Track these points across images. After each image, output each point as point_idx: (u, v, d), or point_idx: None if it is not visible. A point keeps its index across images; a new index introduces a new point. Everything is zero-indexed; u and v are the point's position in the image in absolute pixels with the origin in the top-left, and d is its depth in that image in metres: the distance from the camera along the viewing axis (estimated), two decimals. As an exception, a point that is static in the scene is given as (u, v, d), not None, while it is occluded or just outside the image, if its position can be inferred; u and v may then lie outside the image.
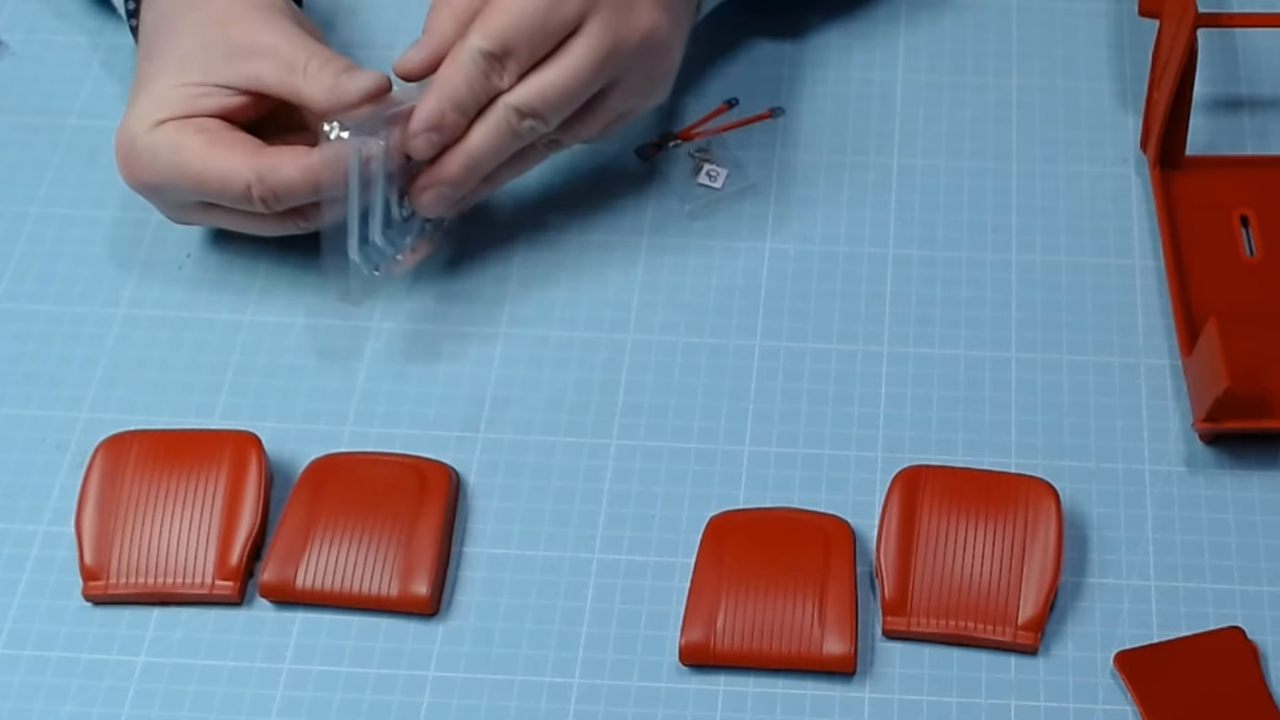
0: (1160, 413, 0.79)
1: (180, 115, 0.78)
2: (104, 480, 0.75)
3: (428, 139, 0.77)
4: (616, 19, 0.77)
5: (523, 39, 0.76)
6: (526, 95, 0.77)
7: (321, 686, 0.72)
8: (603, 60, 0.77)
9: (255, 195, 0.76)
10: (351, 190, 0.76)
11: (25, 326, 0.82)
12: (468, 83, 0.76)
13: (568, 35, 0.77)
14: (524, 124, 0.77)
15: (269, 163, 0.76)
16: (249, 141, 0.78)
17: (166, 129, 0.77)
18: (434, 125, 0.76)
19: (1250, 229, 0.84)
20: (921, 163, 0.88)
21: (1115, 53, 0.92)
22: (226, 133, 0.78)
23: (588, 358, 0.81)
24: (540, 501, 0.77)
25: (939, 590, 0.72)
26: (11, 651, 0.73)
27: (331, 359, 0.81)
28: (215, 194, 0.78)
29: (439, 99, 0.76)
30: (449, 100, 0.76)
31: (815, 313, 0.82)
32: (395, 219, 0.78)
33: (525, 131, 0.78)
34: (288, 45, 0.78)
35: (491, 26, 0.76)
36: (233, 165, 0.76)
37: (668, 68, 0.82)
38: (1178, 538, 0.75)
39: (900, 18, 0.93)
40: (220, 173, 0.77)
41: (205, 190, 0.77)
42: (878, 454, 0.78)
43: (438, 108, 0.76)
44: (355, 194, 0.76)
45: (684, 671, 0.72)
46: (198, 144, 0.77)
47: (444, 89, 0.76)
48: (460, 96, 0.76)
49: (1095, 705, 0.71)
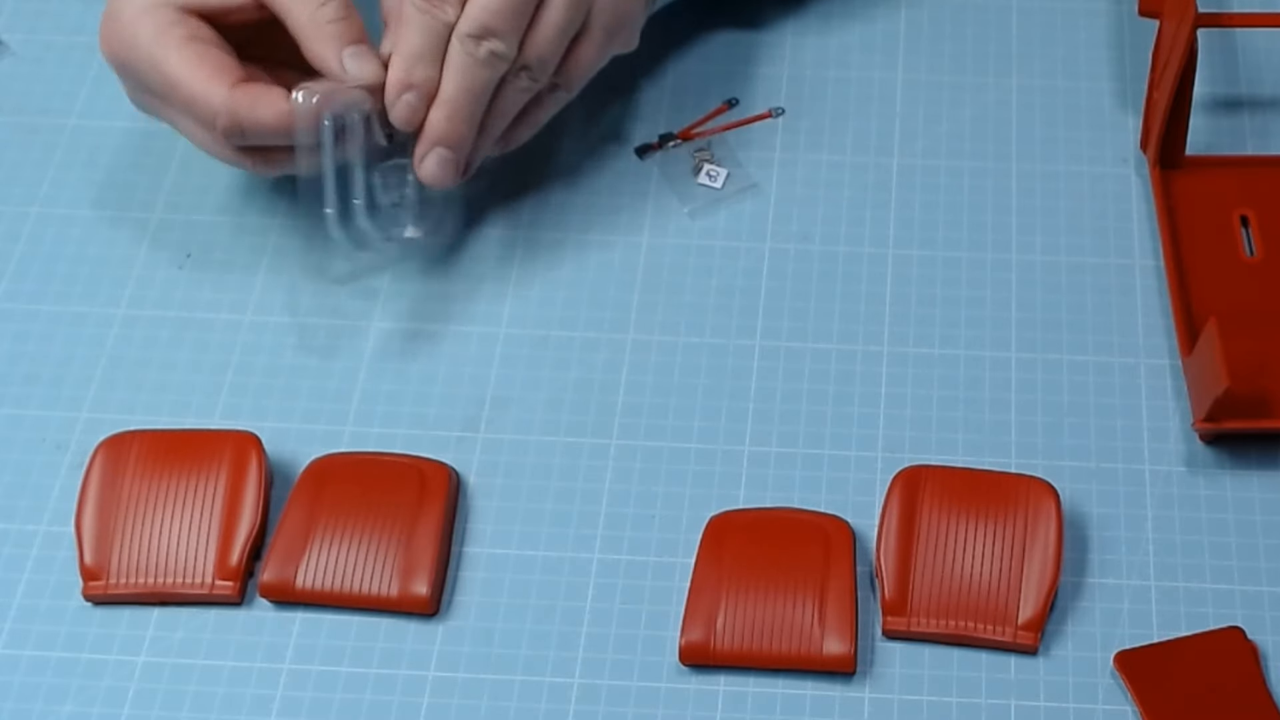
0: (1160, 413, 0.79)
1: (177, 2, 0.77)
2: (104, 480, 0.75)
3: (405, 103, 0.76)
4: None
5: None
6: (471, 14, 0.76)
7: (321, 686, 0.72)
8: None
9: (220, 126, 0.75)
10: (326, 167, 0.75)
11: (25, 326, 0.82)
12: (418, 29, 0.76)
13: None
14: (482, 49, 0.76)
15: (245, 101, 0.75)
16: (232, 68, 0.76)
17: (159, 16, 0.76)
18: (404, 84, 0.76)
19: (1250, 229, 0.84)
20: (921, 163, 0.88)
21: (1115, 53, 0.92)
22: (214, 51, 0.76)
23: (588, 358, 0.81)
24: (540, 501, 0.77)
25: (939, 590, 0.72)
26: (11, 651, 0.73)
27: (331, 359, 0.81)
28: (182, 108, 0.77)
29: (401, 56, 0.76)
30: (409, 54, 0.76)
31: (815, 313, 0.82)
32: (381, 204, 0.78)
33: (487, 58, 0.76)
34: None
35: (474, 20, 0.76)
36: (208, 90, 0.75)
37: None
38: (1178, 538, 0.75)
39: (900, 18, 0.93)
40: (193, 93, 0.76)
41: (173, 100, 0.77)
42: (878, 454, 0.78)
43: (401, 64, 0.76)
44: (330, 171, 0.76)
45: (684, 671, 0.72)
46: (183, 55, 0.76)
47: (401, 45, 0.76)
48: (416, 45, 0.76)
49: (1095, 705, 0.71)
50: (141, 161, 0.87)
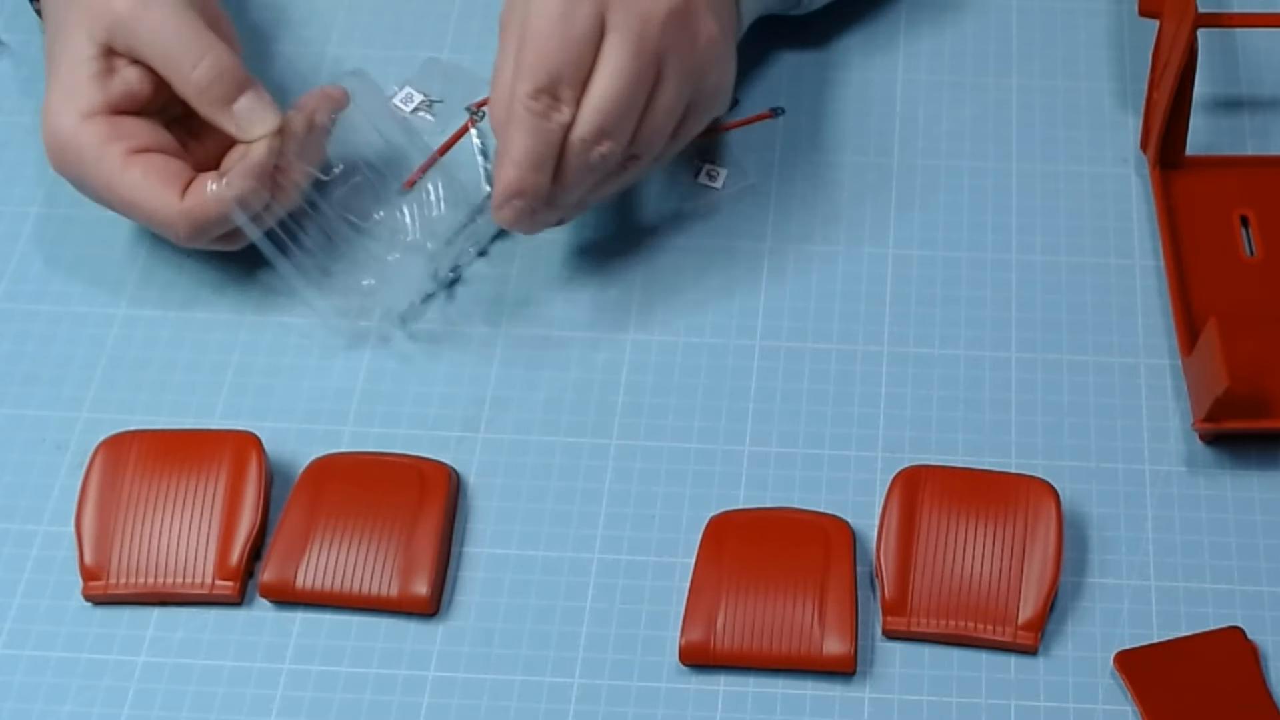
0: (1160, 413, 0.79)
1: (100, 110, 0.77)
2: (104, 480, 0.75)
3: (513, 207, 0.76)
4: None
5: (557, 60, 0.74)
6: (585, 119, 0.75)
7: (321, 686, 0.72)
8: (638, 42, 0.75)
9: (181, 235, 0.78)
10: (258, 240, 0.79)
11: (25, 326, 0.82)
12: (533, 134, 0.75)
13: (599, 40, 0.75)
14: (595, 153, 0.76)
15: (197, 210, 0.77)
16: (177, 170, 0.78)
17: (95, 130, 0.77)
18: (516, 192, 0.76)
19: (1250, 229, 0.84)
20: (921, 163, 0.88)
21: (1115, 53, 0.92)
22: (157, 159, 0.78)
23: (588, 358, 0.81)
24: (540, 501, 0.77)
25: (939, 590, 0.72)
26: (11, 651, 0.73)
27: (331, 359, 0.81)
28: (143, 223, 0.79)
29: (516, 165, 0.75)
30: (527, 163, 0.75)
31: (815, 313, 0.82)
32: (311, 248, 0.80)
33: (599, 161, 0.76)
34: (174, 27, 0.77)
35: (525, 66, 0.74)
36: (162, 206, 0.77)
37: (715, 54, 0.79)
38: (1178, 538, 0.75)
39: (900, 18, 0.93)
40: (148, 212, 0.78)
41: (133, 216, 0.79)
42: (878, 454, 0.78)
43: (516, 174, 0.75)
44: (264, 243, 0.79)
45: (684, 671, 0.72)
46: (129, 177, 0.77)
47: (515, 152, 0.75)
48: (528, 149, 0.75)
49: (1095, 705, 0.71)
50: (141, 161, 0.87)
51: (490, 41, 0.79)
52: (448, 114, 0.88)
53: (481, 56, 0.90)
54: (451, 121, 0.88)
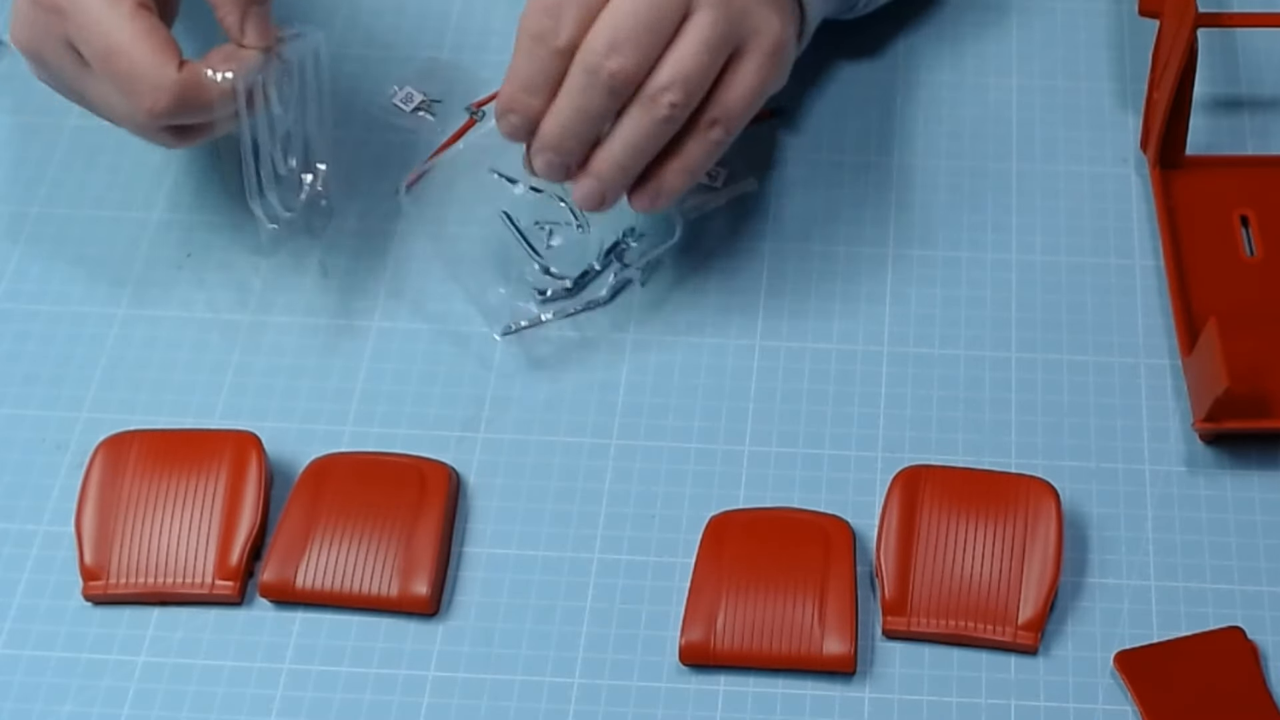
0: (1160, 413, 0.79)
1: None
2: (104, 480, 0.75)
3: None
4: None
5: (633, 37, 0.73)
6: (596, 31, 0.73)
7: (321, 686, 0.72)
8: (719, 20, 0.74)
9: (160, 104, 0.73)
10: (244, 142, 0.76)
11: (25, 326, 0.82)
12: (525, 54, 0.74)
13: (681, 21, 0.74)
14: (605, 70, 0.73)
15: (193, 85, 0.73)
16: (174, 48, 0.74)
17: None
18: (507, 107, 0.75)
19: (1250, 229, 0.84)
20: (921, 163, 0.88)
21: (1115, 53, 0.92)
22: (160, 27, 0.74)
23: (588, 358, 0.81)
24: (540, 501, 0.77)
25: (939, 590, 0.72)
26: (11, 651, 0.73)
27: (331, 359, 0.81)
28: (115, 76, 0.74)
29: (508, 82, 0.74)
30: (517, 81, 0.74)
31: (815, 313, 0.82)
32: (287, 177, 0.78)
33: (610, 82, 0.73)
34: None
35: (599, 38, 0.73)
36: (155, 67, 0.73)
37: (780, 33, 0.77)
38: (1178, 538, 0.75)
39: (900, 18, 0.93)
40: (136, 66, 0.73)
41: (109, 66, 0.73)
42: (878, 454, 0.78)
43: (508, 90, 0.75)
44: (248, 146, 0.76)
45: (684, 671, 0.72)
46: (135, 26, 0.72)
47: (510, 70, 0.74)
48: (527, 74, 0.74)
49: (1095, 705, 0.71)
50: (142, 161, 0.87)
51: (490, 41, 0.79)
52: (448, 114, 0.88)
53: (481, 56, 0.91)
54: (451, 121, 0.88)
